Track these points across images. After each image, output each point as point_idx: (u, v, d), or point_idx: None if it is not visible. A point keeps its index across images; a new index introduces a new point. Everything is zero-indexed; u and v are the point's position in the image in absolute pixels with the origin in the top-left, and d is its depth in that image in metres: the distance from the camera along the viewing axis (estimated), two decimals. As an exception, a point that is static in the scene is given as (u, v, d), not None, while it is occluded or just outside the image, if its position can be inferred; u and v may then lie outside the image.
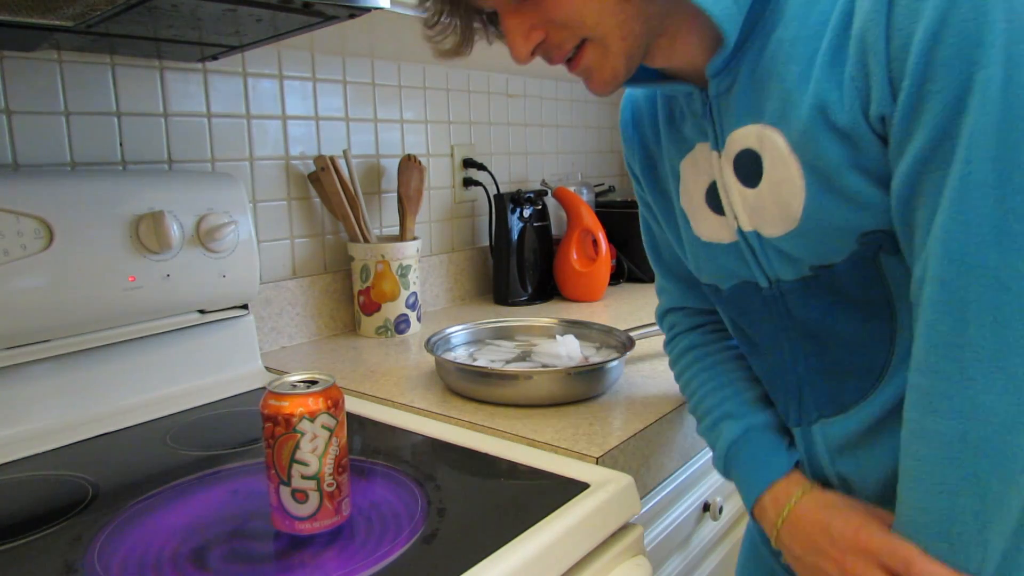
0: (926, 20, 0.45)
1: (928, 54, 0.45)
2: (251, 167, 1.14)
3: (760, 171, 0.57)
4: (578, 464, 0.70)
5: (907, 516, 0.51)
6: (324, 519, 0.57)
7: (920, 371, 0.49)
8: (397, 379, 0.99)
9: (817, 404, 0.65)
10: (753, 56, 0.56)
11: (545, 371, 0.85)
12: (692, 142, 0.65)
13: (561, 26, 0.55)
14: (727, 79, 0.58)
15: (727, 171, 0.60)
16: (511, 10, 0.56)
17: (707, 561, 1.01)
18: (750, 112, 0.57)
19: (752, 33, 0.56)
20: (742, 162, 0.59)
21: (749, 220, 0.60)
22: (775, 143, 0.55)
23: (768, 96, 0.55)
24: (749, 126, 0.57)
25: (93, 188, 0.87)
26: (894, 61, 0.47)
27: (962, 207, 0.46)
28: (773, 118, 0.55)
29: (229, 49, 0.96)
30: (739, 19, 0.54)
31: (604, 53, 0.57)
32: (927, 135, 0.47)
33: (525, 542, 0.56)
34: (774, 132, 0.55)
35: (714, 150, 0.62)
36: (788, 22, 0.53)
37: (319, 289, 1.24)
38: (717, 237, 0.65)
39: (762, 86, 0.56)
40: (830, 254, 0.57)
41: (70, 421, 0.86)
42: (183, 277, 0.94)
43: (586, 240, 1.51)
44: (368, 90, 1.31)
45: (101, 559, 0.56)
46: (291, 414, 0.55)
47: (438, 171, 1.47)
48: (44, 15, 0.71)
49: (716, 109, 0.60)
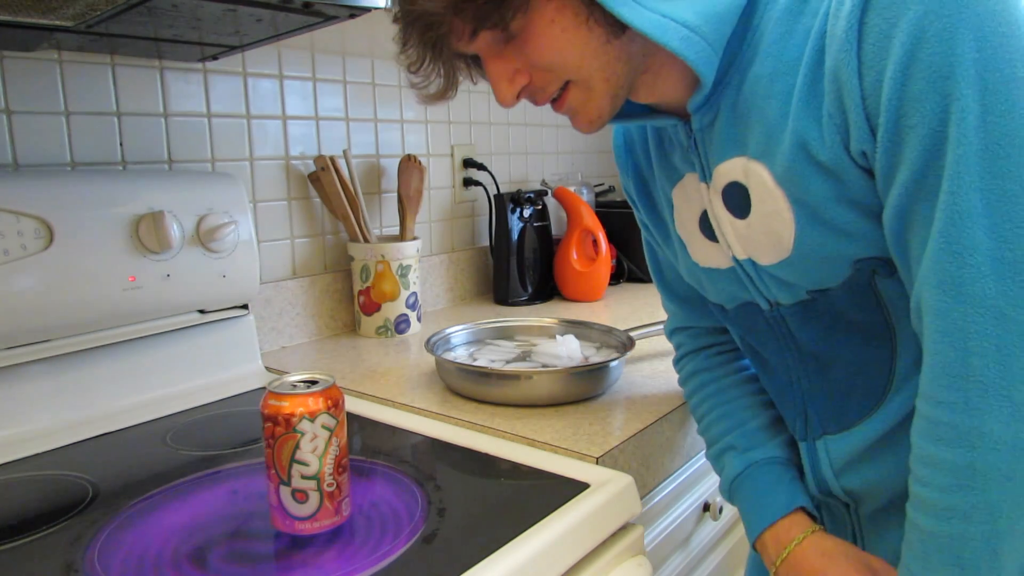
0: (895, 56, 0.45)
1: (900, 89, 0.45)
2: (251, 167, 1.14)
3: (748, 203, 0.57)
4: (578, 464, 0.70)
5: (917, 541, 0.51)
6: (324, 519, 0.57)
7: (926, 400, 0.49)
8: (397, 379, 0.99)
9: (821, 421, 0.65)
10: (732, 91, 0.56)
11: (545, 371, 0.85)
12: (682, 172, 0.65)
13: (544, 70, 0.56)
14: (708, 114, 0.58)
15: (716, 202, 0.61)
16: (494, 55, 0.56)
17: (707, 561, 1.01)
18: (734, 145, 0.57)
19: (730, 69, 0.56)
20: (730, 194, 0.59)
21: (743, 249, 0.61)
22: (761, 176, 0.55)
23: (750, 130, 0.55)
24: (735, 159, 0.57)
25: (93, 188, 0.87)
26: (868, 98, 0.47)
27: (952, 238, 0.45)
28: (757, 152, 0.55)
29: (229, 49, 0.96)
30: (715, 60, 0.53)
31: (588, 94, 0.57)
32: (911, 168, 0.47)
33: (525, 542, 0.56)
34: (759, 166, 0.55)
35: (702, 182, 0.62)
36: (764, 58, 0.54)
37: (319, 289, 1.24)
38: (714, 263, 0.65)
39: (743, 120, 0.56)
40: (825, 280, 0.57)
41: (70, 421, 0.86)
42: (183, 277, 0.94)
43: (586, 240, 1.51)
44: (368, 90, 1.31)
45: (101, 559, 0.56)
46: (291, 414, 0.55)
47: (438, 171, 1.47)
48: (44, 15, 0.71)
49: (701, 142, 0.60)
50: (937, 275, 0.47)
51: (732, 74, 0.56)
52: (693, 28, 0.52)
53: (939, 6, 0.44)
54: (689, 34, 0.51)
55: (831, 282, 0.57)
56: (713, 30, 0.52)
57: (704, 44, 0.52)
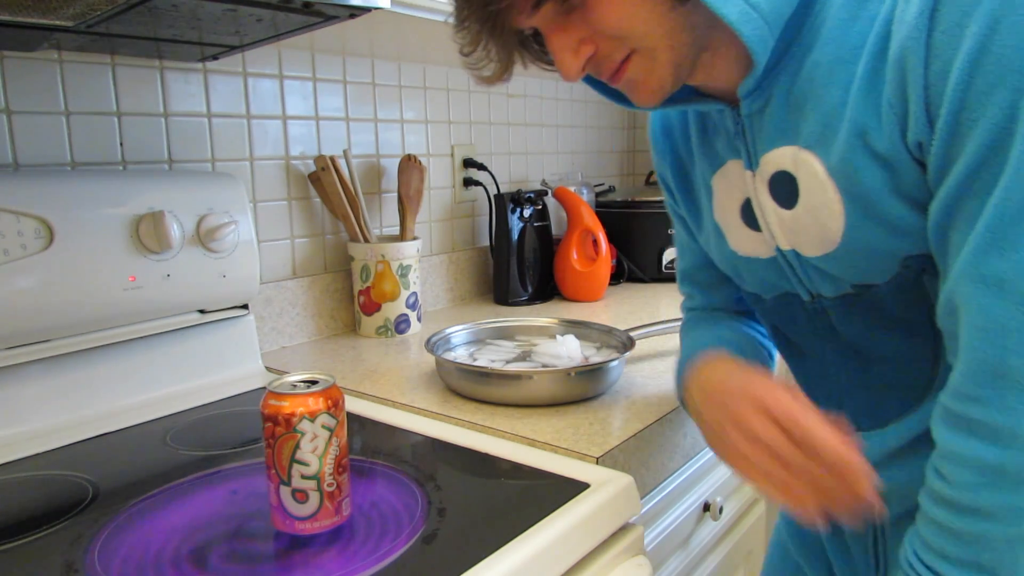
0: (967, 45, 0.43)
1: (967, 81, 0.44)
2: (251, 167, 1.14)
3: (796, 193, 0.56)
4: (578, 464, 0.70)
5: (935, 537, 0.50)
6: (324, 519, 0.57)
7: (957, 396, 0.48)
8: (397, 379, 0.99)
9: (855, 416, 0.64)
10: (788, 78, 0.54)
11: (545, 371, 0.85)
12: (724, 158, 0.64)
13: (610, 37, 0.54)
14: (760, 99, 0.57)
15: (762, 191, 0.59)
16: (557, 27, 0.54)
17: (707, 561, 1.01)
18: (785, 134, 0.56)
19: (787, 54, 0.54)
20: (777, 183, 0.57)
21: (787, 240, 0.59)
22: (812, 167, 0.54)
23: (804, 119, 0.54)
24: (784, 147, 0.56)
25: (93, 188, 0.87)
26: (931, 87, 0.46)
27: (1001, 234, 0.44)
28: (810, 141, 0.54)
29: (229, 49, 0.96)
30: (770, 41, 0.52)
31: (651, 64, 0.55)
32: (967, 162, 0.45)
33: (525, 542, 0.56)
34: (811, 156, 0.54)
35: (748, 169, 0.60)
36: (824, 44, 0.52)
37: (319, 289, 1.24)
38: (755, 252, 0.64)
39: (798, 108, 0.54)
40: (872, 275, 0.56)
41: (70, 421, 0.86)
42: (183, 277, 0.94)
43: (586, 240, 1.51)
44: (368, 90, 1.31)
45: (101, 559, 0.56)
46: (291, 414, 0.55)
47: (438, 171, 1.47)
48: (44, 15, 0.71)
49: (749, 129, 0.59)
50: (979, 269, 0.46)
51: (788, 60, 0.54)
52: (753, 4, 0.50)
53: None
54: (748, 9, 0.50)
55: (878, 278, 0.56)
56: (772, 9, 0.51)
57: (761, 22, 0.51)
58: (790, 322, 0.67)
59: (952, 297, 0.48)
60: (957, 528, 0.48)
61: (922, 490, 0.52)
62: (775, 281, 0.64)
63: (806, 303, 0.63)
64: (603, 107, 1.98)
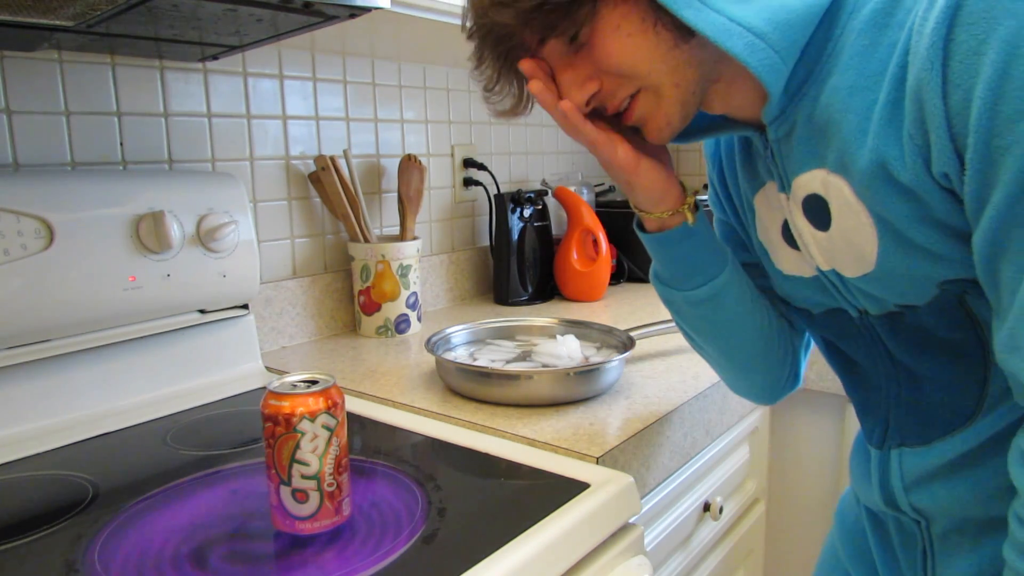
0: (986, 74, 0.42)
1: (992, 109, 0.43)
2: (251, 167, 1.14)
3: (829, 215, 0.56)
4: (578, 464, 0.70)
5: None
6: (324, 519, 0.57)
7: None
8: (397, 379, 0.99)
9: (901, 431, 0.63)
10: (809, 103, 0.54)
11: (545, 371, 0.85)
12: (764, 179, 0.64)
13: (614, 75, 0.56)
14: (784, 125, 0.57)
15: (796, 213, 0.59)
16: (564, 64, 0.57)
17: (707, 561, 1.01)
18: (813, 158, 0.55)
19: (808, 79, 0.54)
20: (810, 206, 0.57)
21: (825, 261, 0.59)
22: (841, 190, 0.53)
23: (828, 144, 0.54)
24: (814, 171, 0.56)
25: (93, 188, 0.87)
26: (954, 118, 0.45)
27: None
28: (835, 166, 0.54)
29: (229, 49, 0.96)
30: (783, 68, 0.52)
31: (658, 101, 0.57)
32: (1005, 191, 0.44)
33: (525, 542, 0.56)
34: (839, 179, 0.53)
35: (781, 192, 0.61)
36: (844, 70, 0.52)
37: (319, 289, 1.24)
38: (798, 271, 0.64)
39: (821, 133, 0.54)
40: (911, 297, 0.55)
41: (70, 421, 0.86)
42: (183, 277, 0.94)
43: (586, 240, 1.51)
44: (368, 90, 1.31)
45: (101, 559, 0.56)
46: (291, 414, 0.55)
47: (438, 171, 1.47)
48: (44, 15, 0.71)
49: (778, 153, 0.59)
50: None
51: (810, 85, 0.54)
52: (760, 34, 0.50)
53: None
54: (755, 40, 0.50)
55: (917, 300, 0.55)
56: (782, 38, 0.51)
57: (770, 51, 0.51)
58: (841, 336, 0.66)
59: (1016, 335, 0.46)
60: None
61: (1006, 543, 0.50)
62: (820, 299, 0.64)
63: (854, 318, 0.62)
64: (603, 107, 1.98)
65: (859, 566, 0.74)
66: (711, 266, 0.67)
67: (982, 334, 0.54)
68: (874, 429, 0.66)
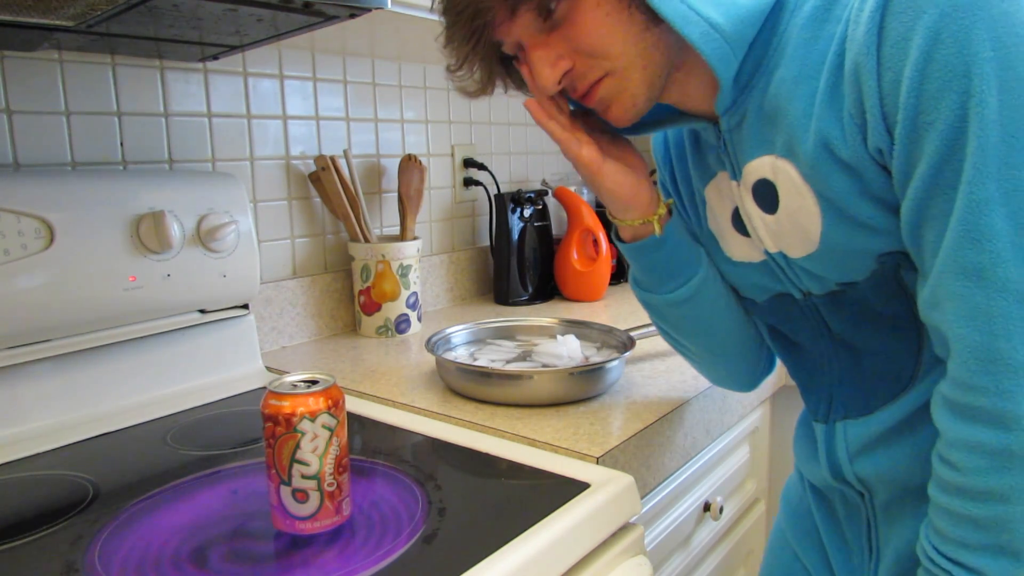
0: (912, 57, 0.47)
1: (918, 88, 0.47)
2: (251, 167, 1.14)
3: (777, 198, 0.59)
4: (578, 464, 0.70)
5: (952, 527, 0.51)
6: (324, 519, 0.57)
7: (957, 386, 0.50)
8: (398, 379, 0.99)
9: (844, 405, 0.67)
10: (759, 94, 0.58)
11: (546, 371, 0.85)
12: (714, 170, 0.67)
13: (587, 55, 0.58)
14: (736, 115, 0.60)
15: (747, 199, 0.62)
16: (538, 42, 0.58)
17: (707, 561, 1.01)
18: (762, 144, 0.59)
19: (757, 72, 0.58)
20: (760, 191, 0.61)
21: (773, 243, 0.62)
22: (788, 174, 0.57)
23: (777, 130, 0.57)
24: (763, 157, 0.59)
25: (94, 188, 0.87)
26: (886, 97, 0.49)
27: (972, 225, 0.47)
28: (783, 151, 0.57)
29: (230, 49, 0.96)
30: (733, 59, 0.56)
31: (624, 83, 0.59)
32: (928, 163, 0.48)
33: (525, 542, 0.56)
34: (786, 163, 0.57)
35: (733, 180, 0.64)
36: (789, 62, 0.56)
37: (319, 289, 1.24)
38: (748, 257, 0.67)
39: (770, 121, 0.58)
40: (852, 273, 0.59)
41: (70, 421, 0.86)
42: (183, 277, 0.94)
43: (587, 240, 1.51)
44: (369, 90, 1.31)
45: (102, 559, 0.56)
46: (291, 414, 0.55)
47: (439, 171, 1.47)
48: (45, 15, 0.71)
49: (730, 142, 0.62)
50: (958, 262, 0.48)
51: (759, 77, 0.58)
52: (715, 25, 0.54)
53: (952, 9, 0.46)
54: (709, 30, 0.54)
55: (857, 276, 0.59)
56: (734, 31, 0.55)
57: (722, 42, 0.54)
58: (785, 320, 0.70)
59: (936, 291, 0.51)
60: (973, 514, 0.49)
61: (931, 482, 0.53)
62: (767, 283, 0.67)
63: (799, 301, 0.66)
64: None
65: (806, 543, 0.77)
66: (687, 267, 0.70)
67: (914, 306, 0.58)
68: (819, 405, 0.70)
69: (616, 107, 0.60)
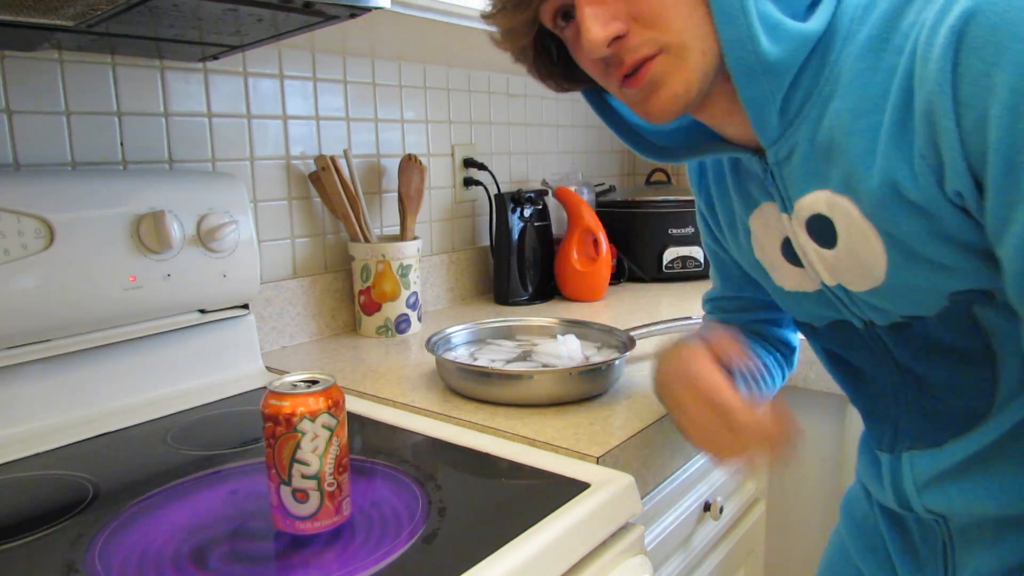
0: (1001, 95, 0.43)
1: (1011, 127, 0.43)
2: (252, 167, 1.14)
3: (835, 234, 0.56)
4: (579, 464, 0.70)
5: None
6: (325, 519, 0.57)
7: None
8: (398, 379, 0.99)
9: (911, 436, 0.64)
10: (810, 125, 0.55)
11: (546, 371, 0.85)
12: (758, 200, 0.64)
13: (645, 24, 0.53)
14: (785, 147, 0.57)
15: (800, 233, 0.59)
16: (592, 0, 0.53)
17: (708, 561, 1.01)
18: (815, 179, 0.56)
19: (807, 103, 0.54)
20: (815, 226, 0.57)
21: (831, 277, 0.59)
22: (847, 210, 0.54)
23: (833, 165, 0.54)
24: (817, 192, 0.56)
25: (94, 188, 0.87)
26: (969, 137, 0.45)
27: None
28: (841, 187, 0.54)
29: (230, 49, 0.95)
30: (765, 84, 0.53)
31: (679, 63, 0.54)
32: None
33: (526, 542, 0.56)
34: (844, 200, 0.54)
35: (783, 212, 0.61)
36: (845, 93, 0.52)
37: (320, 289, 1.24)
38: (801, 287, 0.64)
39: (825, 155, 0.54)
40: (920, 309, 0.55)
41: (70, 421, 0.86)
42: (184, 277, 0.94)
43: (587, 240, 1.51)
44: (369, 90, 1.31)
45: (102, 559, 0.56)
46: (292, 414, 0.55)
47: (439, 171, 1.47)
48: (45, 15, 0.71)
49: (778, 175, 0.59)
50: None
51: (809, 108, 0.54)
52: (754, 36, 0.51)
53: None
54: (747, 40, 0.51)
55: (925, 311, 0.55)
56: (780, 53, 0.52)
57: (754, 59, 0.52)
58: (846, 347, 0.66)
59: None
60: None
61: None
62: (826, 312, 0.64)
63: (859, 329, 0.63)
64: (603, 107, 1.98)
65: (870, 560, 0.74)
66: None
67: (990, 341, 0.54)
68: (883, 435, 0.66)
69: (665, 91, 0.54)
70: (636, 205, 1.65)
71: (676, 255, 1.63)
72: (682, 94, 0.55)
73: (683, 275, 1.64)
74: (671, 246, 1.62)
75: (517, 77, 1.65)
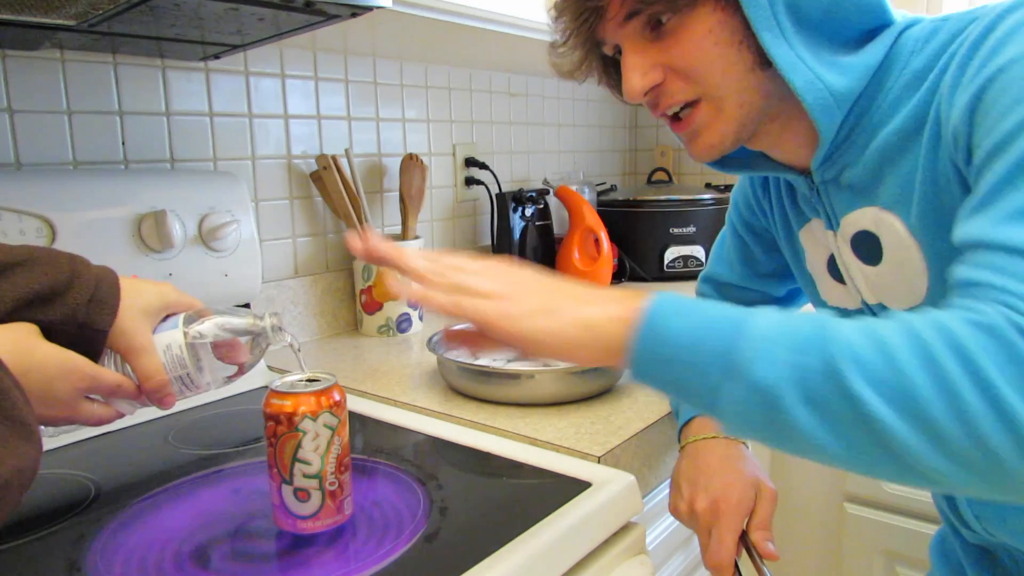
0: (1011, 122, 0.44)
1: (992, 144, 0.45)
2: (253, 166, 1.14)
3: (879, 250, 0.57)
4: (580, 463, 0.70)
5: None
6: (326, 518, 0.57)
7: None
8: (399, 378, 0.99)
9: None
10: (859, 147, 0.56)
11: (547, 370, 0.85)
12: (808, 216, 0.66)
13: (682, 75, 0.56)
14: (832, 169, 0.58)
15: (845, 250, 0.61)
16: (637, 48, 0.57)
17: (709, 560, 1.00)
18: (863, 196, 0.57)
19: (858, 126, 0.56)
20: (860, 242, 0.59)
21: (872, 295, 0.61)
22: (893, 227, 0.55)
23: (882, 182, 0.55)
24: (864, 209, 0.57)
25: (95, 187, 0.87)
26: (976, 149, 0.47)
27: None
28: (889, 203, 0.55)
29: (231, 48, 0.96)
30: (837, 114, 0.54)
31: (717, 115, 0.57)
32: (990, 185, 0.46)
33: (527, 541, 0.56)
34: (891, 216, 0.55)
35: (829, 229, 0.62)
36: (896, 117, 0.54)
37: (321, 288, 1.24)
38: (843, 303, 0.66)
39: (874, 173, 0.56)
40: None
41: (72, 420, 0.86)
42: (185, 276, 0.94)
43: (588, 239, 1.51)
44: (370, 89, 1.31)
45: (103, 558, 0.56)
46: (293, 413, 0.55)
47: (440, 170, 1.47)
48: (47, 14, 0.71)
49: (824, 193, 0.60)
50: None
51: (859, 132, 0.56)
52: (821, 77, 0.53)
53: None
54: (815, 80, 0.52)
55: None
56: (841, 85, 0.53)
57: (827, 94, 0.53)
58: None
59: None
60: None
61: None
62: None
63: None
64: (605, 106, 1.98)
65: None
66: None
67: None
68: None
69: (703, 140, 0.58)
70: (637, 204, 1.65)
71: (677, 254, 1.63)
72: (716, 144, 0.58)
73: (685, 274, 1.64)
74: (672, 245, 1.62)
75: (518, 76, 1.65)
